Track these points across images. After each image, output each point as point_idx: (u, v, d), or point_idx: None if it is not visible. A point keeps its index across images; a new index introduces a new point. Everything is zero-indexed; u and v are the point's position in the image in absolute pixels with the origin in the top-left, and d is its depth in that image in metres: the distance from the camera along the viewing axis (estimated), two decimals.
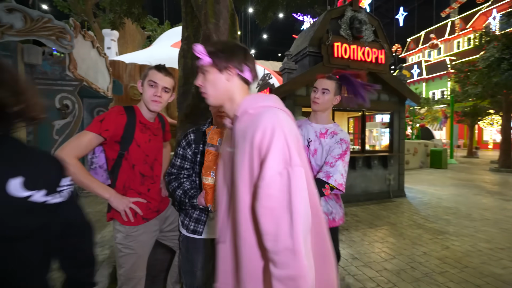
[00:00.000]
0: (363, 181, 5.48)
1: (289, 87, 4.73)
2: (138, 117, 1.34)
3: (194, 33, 2.76)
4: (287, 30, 26.35)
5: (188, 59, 2.75)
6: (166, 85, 1.32)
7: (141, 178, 1.36)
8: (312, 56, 5.11)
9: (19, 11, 3.49)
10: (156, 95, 1.31)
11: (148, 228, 1.40)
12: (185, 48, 2.76)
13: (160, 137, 1.47)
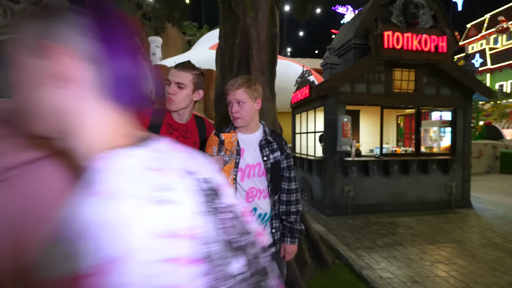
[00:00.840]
0: (417, 187, 4.81)
1: (331, 84, 4.35)
2: (166, 118, 1.28)
3: (231, 29, 2.63)
4: (325, 25, 25.25)
5: (226, 57, 2.63)
6: (179, 80, 1.20)
7: None
8: (358, 49, 4.64)
9: None
10: (168, 92, 1.21)
11: None
12: (223, 45, 2.64)
13: (191, 140, 1.34)
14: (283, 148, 1.33)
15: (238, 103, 1.23)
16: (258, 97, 1.26)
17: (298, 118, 6.33)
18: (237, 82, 1.23)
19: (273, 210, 1.30)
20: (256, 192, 1.25)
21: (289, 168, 1.35)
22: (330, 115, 4.52)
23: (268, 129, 1.34)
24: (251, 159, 1.25)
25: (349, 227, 3.93)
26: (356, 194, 4.58)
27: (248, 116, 1.24)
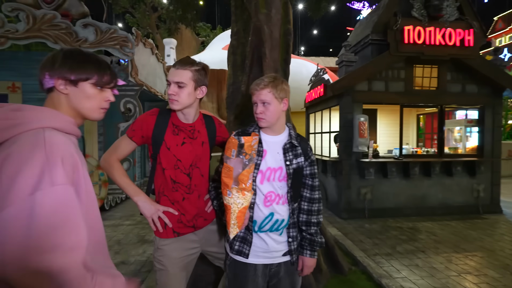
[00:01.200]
0: (440, 191, 4.53)
1: (347, 82, 4.19)
2: (171, 118, 1.24)
3: (244, 27, 2.57)
4: (340, 23, 24.65)
5: (238, 56, 2.57)
6: (177, 79, 1.15)
7: (172, 184, 1.22)
8: (376, 45, 4.43)
9: (92, 25, 3.88)
10: (170, 93, 1.18)
11: (181, 244, 1.24)
12: (235, 44, 2.58)
13: (199, 141, 1.27)
14: (308, 154, 1.25)
15: (263, 103, 1.16)
16: (285, 97, 1.19)
17: (312, 117, 6.18)
18: (262, 82, 1.16)
19: (291, 218, 1.21)
20: (274, 197, 1.18)
21: (313, 176, 1.26)
22: (346, 115, 4.35)
23: (294, 132, 1.26)
24: (273, 162, 1.18)
25: (366, 231, 3.76)
26: (373, 197, 4.38)
27: (273, 118, 1.17)
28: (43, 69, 0.71)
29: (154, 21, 18.02)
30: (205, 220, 1.31)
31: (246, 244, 1.19)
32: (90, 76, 0.72)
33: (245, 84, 2.36)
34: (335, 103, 4.65)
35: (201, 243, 1.32)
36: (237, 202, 1.04)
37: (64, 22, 3.76)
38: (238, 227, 1.07)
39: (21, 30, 3.69)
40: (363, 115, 4.26)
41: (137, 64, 4.62)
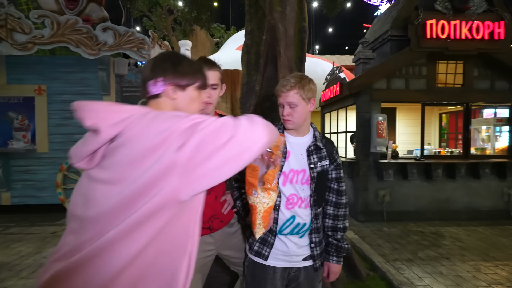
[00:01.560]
0: (466, 194, 4.26)
1: (365, 80, 4.04)
2: None
3: (258, 26, 2.54)
4: (356, 19, 23.97)
5: (252, 55, 2.54)
6: (213, 81, 1.16)
7: None
8: (395, 41, 4.25)
9: (111, 29, 4.01)
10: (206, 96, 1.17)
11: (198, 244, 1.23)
12: (249, 43, 2.56)
13: None
14: (334, 157, 1.20)
15: (289, 106, 1.11)
16: (312, 97, 1.14)
17: (327, 117, 6.05)
18: (289, 83, 1.11)
19: (313, 223, 1.17)
20: (297, 200, 1.15)
21: (339, 180, 1.22)
22: (363, 114, 4.21)
23: (319, 133, 1.21)
24: (296, 164, 1.15)
25: (385, 235, 3.61)
26: (392, 199, 4.21)
27: (300, 120, 1.13)
28: (154, 75, 0.71)
29: (170, 23, 18.44)
30: (221, 222, 1.30)
31: (266, 246, 1.17)
32: (197, 80, 0.76)
33: (259, 83, 2.33)
34: (352, 102, 4.51)
35: (217, 246, 1.31)
36: (262, 201, 1.01)
37: (85, 26, 3.92)
38: (264, 227, 1.04)
39: (46, 36, 3.88)
40: (381, 114, 4.10)
41: None
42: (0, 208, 4.59)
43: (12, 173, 4.42)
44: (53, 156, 4.42)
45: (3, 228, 3.89)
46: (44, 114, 4.39)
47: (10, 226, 3.94)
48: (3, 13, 3.88)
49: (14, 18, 3.89)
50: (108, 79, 4.33)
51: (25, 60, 4.34)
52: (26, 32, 3.90)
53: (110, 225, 0.55)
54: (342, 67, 5.08)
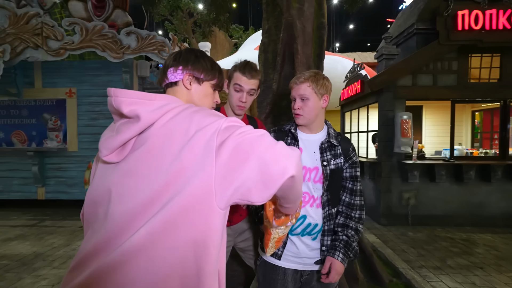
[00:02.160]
0: (503, 199, 3.91)
1: (388, 77, 3.86)
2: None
3: (275, 23, 2.51)
4: (378, 15, 22.99)
5: (269, 54, 2.52)
6: (252, 87, 1.25)
7: None
8: (422, 35, 4.02)
9: (134, 33, 4.17)
10: (241, 101, 1.25)
11: None
12: (266, 41, 2.54)
13: None
14: (349, 155, 1.16)
15: (301, 99, 1.11)
16: (325, 94, 1.13)
17: (348, 116, 5.86)
18: (302, 76, 1.13)
19: (326, 224, 1.12)
20: (309, 199, 1.12)
21: (353, 178, 1.16)
22: (386, 112, 4.02)
23: (333, 130, 1.18)
24: (308, 162, 1.12)
25: (410, 240, 3.42)
26: (418, 202, 3.97)
27: (311, 114, 1.12)
28: (177, 64, 0.75)
29: (190, 26, 18.92)
30: (240, 216, 1.34)
31: (279, 246, 1.14)
32: (214, 77, 0.79)
33: (276, 82, 2.30)
34: (374, 100, 4.32)
35: (234, 237, 1.36)
36: (277, 231, 0.99)
37: (110, 31, 4.12)
38: (275, 248, 1.06)
39: (76, 42, 4.13)
40: (406, 112, 3.88)
41: None
42: (36, 202, 4.97)
43: (47, 170, 4.77)
44: (81, 155, 4.71)
45: (38, 221, 4.20)
46: (74, 115, 4.69)
47: (44, 219, 4.26)
48: (39, 22, 4.19)
49: (48, 27, 4.19)
50: (132, 81, 4.53)
51: (58, 65, 4.67)
52: (59, 39, 4.19)
53: (142, 220, 0.52)
54: (363, 64, 4.89)
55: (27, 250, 3.08)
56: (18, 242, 3.34)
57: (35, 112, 4.65)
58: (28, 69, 4.73)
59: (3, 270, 2.63)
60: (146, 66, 4.67)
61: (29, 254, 2.99)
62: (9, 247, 3.18)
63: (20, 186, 4.78)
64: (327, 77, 1.13)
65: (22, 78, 4.72)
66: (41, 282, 2.40)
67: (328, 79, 1.14)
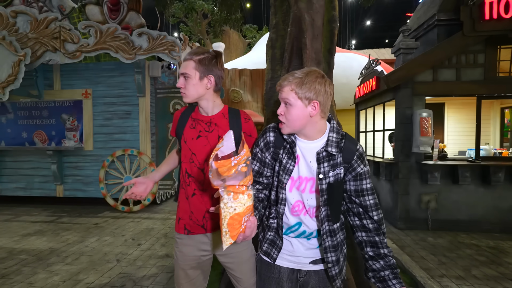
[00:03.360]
0: None
1: (406, 72, 3.64)
2: (193, 113, 1.25)
3: (283, 18, 2.41)
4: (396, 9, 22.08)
5: (277, 49, 2.42)
6: (183, 70, 1.15)
7: (187, 177, 1.20)
8: (444, 26, 3.75)
9: (145, 33, 4.24)
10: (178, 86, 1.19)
11: (193, 243, 1.20)
12: (273, 37, 2.45)
13: (215, 134, 1.17)
14: (352, 165, 0.98)
15: (285, 104, 0.96)
16: (313, 99, 0.92)
17: (362, 114, 5.63)
18: (287, 78, 0.96)
19: (327, 241, 0.99)
20: (302, 208, 1.02)
21: (359, 193, 0.99)
22: (404, 110, 3.79)
23: (335, 135, 0.98)
24: (304, 171, 1.00)
25: (430, 246, 3.19)
26: (439, 205, 3.72)
27: (295, 124, 0.95)
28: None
29: (205, 27, 19.16)
30: (217, 223, 1.22)
31: (274, 248, 1.08)
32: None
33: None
34: (391, 97, 4.10)
35: (213, 248, 1.23)
36: (228, 206, 0.82)
37: (123, 33, 4.21)
38: (232, 237, 0.83)
39: (91, 44, 4.26)
40: (426, 110, 3.64)
41: None
42: (55, 199, 5.19)
43: (65, 169, 4.97)
44: (97, 154, 4.86)
45: (57, 217, 4.38)
46: (90, 116, 4.84)
47: (62, 216, 4.42)
48: (57, 26, 4.36)
49: (66, 30, 4.35)
50: (144, 81, 4.60)
51: (75, 67, 4.84)
52: (75, 41, 4.33)
53: None
54: (379, 60, 4.66)
55: (44, 246, 3.20)
56: (36, 237, 3.48)
57: (55, 113, 4.86)
58: (48, 72, 4.94)
59: (21, 264, 2.73)
60: (157, 67, 4.73)
61: (45, 249, 3.10)
62: (28, 242, 3.32)
63: (41, 184, 5.01)
64: (323, 78, 0.94)
65: (43, 80, 4.95)
66: (54, 277, 2.47)
67: (328, 82, 0.95)
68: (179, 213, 1.21)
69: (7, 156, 5.09)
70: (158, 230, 3.71)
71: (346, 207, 1.07)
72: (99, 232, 3.66)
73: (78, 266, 2.69)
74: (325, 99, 0.94)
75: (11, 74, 4.13)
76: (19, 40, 4.31)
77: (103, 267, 2.66)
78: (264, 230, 1.12)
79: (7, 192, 5.10)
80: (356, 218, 1.02)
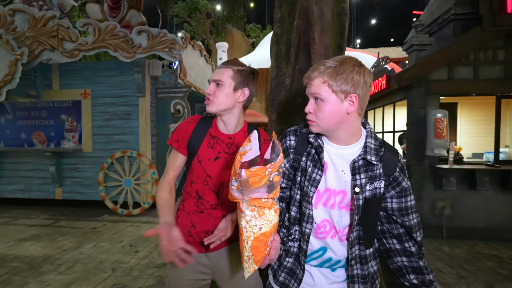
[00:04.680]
0: None
1: (419, 70, 3.41)
2: (210, 128, 1.07)
3: (289, 11, 2.23)
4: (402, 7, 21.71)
5: (282, 45, 2.24)
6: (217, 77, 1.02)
7: (197, 199, 1.05)
8: (460, 21, 3.52)
9: (145, 31, 4.09)
10: (207, 92, 1.04)
11: (190, 264, 1.01)
12: (278, 32, 2.26)
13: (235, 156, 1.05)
14: (396, 178, 0.81)
15: (315, 99, 0.80)
16: (352, 93, 0.76)
17: (370, 115, 5.41)
18: (317, 68, 0.79)
19: (356, 268, 0.83)
20: (330, 229, 0.84)
21: (403, 211, 0.82)
22: (417, 110, 3.57)
23: (373, 141, 0.82)
24: (334, 182, 0.82)
25: (446, 257, 2.97)
26: (454, 212, 3.49)
27: (328, 122, 0.79)
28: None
29: (208, 27, 19.06)
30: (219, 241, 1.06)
31: (294, 279, 0.89)
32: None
33: (289, 76, 2.02)
34: (402, 97, 3.88)
35: (213, 271, 1.08)
36: (251, 224, 0.68)
37: (122, 31, 4.07)
38: (256, 262, 0.70)
39: (89, 42, 4.13)
40: (440, 110, 3.42)
41: (185, 66, 4.74)
42: (54, 202, 5.09)
43: (63, 171, 4.85)
44: (96, 156, 4.73)
45: (55, 220, 4.26)
46: (89, 116, 4.72)
47: (60, 219, 4.31)
48: (55, 24, 4.24)
49: (64, 28, 4.23)
50: (144, 81, 4.46)
51: (74, 66, 4.72)
52: (73, 40, 4.21)
53: None
54: (389, 58, 4.44)
55: (38, 252, 3.07)
56: (31, 243, 3.36)
57: (54, 114, 4.75)
58: (47, 71, 4.84)
59: (12, 273, 2.60)
60: (158, 66, 4.58)
61: (39, 256, 2.96)
62: (23, 248, 3.19)
63: (39, 186, 4.91)
64: (364, 69, 0.77)
65: (41, 80, 4.84)
66: None
67: (367, 71, 0.78)
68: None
69: (6, 158, 5.00)
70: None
71: (381, 229, 0.89)
72: (96, 238, 3.52)
73: (71, 275, 2.55)
74: (364, 92, 0.77)
75: (8, 74, 4.02)
76: (17, 39, 4.20)
77: (97, 277, 2.51)
78: (281, 256, 0.93)
79: (5, 194, 5.02)
80: (395, 241, 0.86)
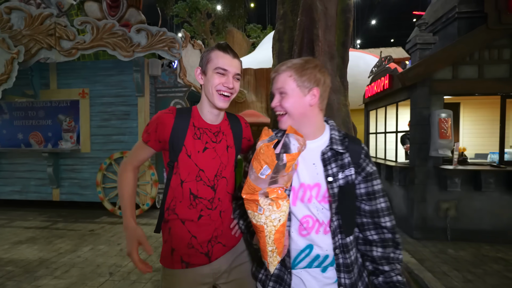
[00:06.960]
0: None
1: (424, 69, 3.35)
2: (192, 119, 0.99)
3: (291, 8, 2.16)
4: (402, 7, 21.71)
5: (284, 42, 2.18)
6: (238, 70, 0.98)
7: (192, 199, 0.96)
8: (465, 19, 3.46)
9: (144, 30, 4.02)
10: (227, 86, 0.95)
11: (191, 276, 0.95)
12: (281, 29, 2.20)
13: (223, 145, 1.01)
14: (361, 164, 0.86)
15: (280, 93, 0.87)
16: (313, 87, 0.84)
17: (373, 115, 5.34)
18: (283, 65, 0.87)
19: (340, 257, 0.84)
20: (313, 223, 0.85)
21: (371, 195, 0.87)
22: (421, 110, 3.50)
23: (338, 133, 0.90)
24: (307, 177, 0.86)
25: (451, 260, 2.91)
26: (459, 214, 3.42)
27: (296, 111, 0.85)
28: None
29: (208, 27, 19.00)
30: (224, 247, 1.00)
31: (282, 286, 0.86)
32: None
33: None
34: (405, 97, 3.82)
35: (215, 278, 1.01)
36: (272, 218, 0.71)
37: (120, 29, 4.00)
38: (279, 253, 0.75)
39: (87, 41, 4.06)
40: (445, 110, 3.36)
41: (185, 65, 4.67)
42: (52, 203, 5.01)
43: (61, 172, 4.78)
44: (94, 156, 4.65)
45: (52, 222, 4.18)
46: (87, 116, 4.65)
47: (57, 221, 4.23)
48: (52, 22, 4.17)
49: (61, 27, 4.16)
50: (143, 80, 4.39)
51: (72, 65, 4.65)
52: (71, 38, 4.14)
53: None
54: (392, 57, 4.37)
55: (33, 255, 2.99)
56: (27, 246, 3.28)
57: (51, 113, 4.67)
58: (44, 71, 4.76)
59: (6, 277, 2.53)
60: (157, 65, 4.51)
61: (35, 260, 2.89)
62: (18, 251, 3.11)
63: (37, 187, 4.83)
64: (324, 69, 0.87)
65: (39, 80, 4.76)
66: None
67: (326, 72, 0.87)
68: (172, 243, 0.96)
69: (3, 158, 4.92)
70: (156, 238, 3.49)
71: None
72: (94, 240, 3.45)
73: (67, 280, 2.48)
74: (324, 90, 0.87)
75: (4, 73, 3.94)
76: (13, 37, 4.13)
77: (94, 282, 2.44)
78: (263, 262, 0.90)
79: (2, 196, 4.94)
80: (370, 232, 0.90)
